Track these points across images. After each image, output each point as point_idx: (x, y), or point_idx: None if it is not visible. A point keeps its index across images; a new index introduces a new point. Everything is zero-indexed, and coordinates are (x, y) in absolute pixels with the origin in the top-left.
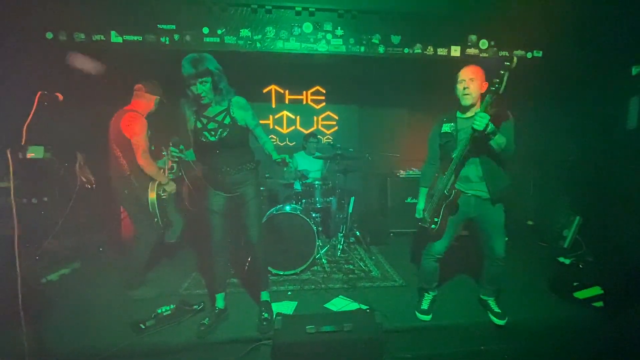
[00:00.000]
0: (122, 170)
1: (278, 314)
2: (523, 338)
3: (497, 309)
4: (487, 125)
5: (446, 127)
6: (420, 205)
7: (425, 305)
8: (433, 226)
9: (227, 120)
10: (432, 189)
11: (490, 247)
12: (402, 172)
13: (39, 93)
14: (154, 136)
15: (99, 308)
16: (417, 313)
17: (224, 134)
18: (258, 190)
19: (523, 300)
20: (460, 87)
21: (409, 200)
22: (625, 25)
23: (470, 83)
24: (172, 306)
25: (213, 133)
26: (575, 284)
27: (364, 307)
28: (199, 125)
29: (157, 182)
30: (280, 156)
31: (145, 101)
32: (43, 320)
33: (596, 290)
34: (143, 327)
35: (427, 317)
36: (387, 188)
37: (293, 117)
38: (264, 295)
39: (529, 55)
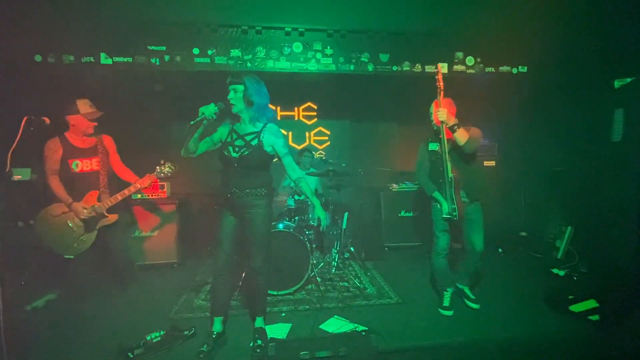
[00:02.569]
0: None
1: (271, 340)
2: (521, 354)
3: (472, 295)
4: (447, 117)
5: (432, 146)
6: (445, 206)
7: (446, 302)
8: (455, 214)
9: (255, 142)
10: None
11: (471, 242)
12: (394, 185)
13: (25, 118)
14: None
15: (85, 335)
16: (439, 310)
17: (246, 152)
18: (268, 216)
19: (520, 315)
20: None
21: (402, 213)
22: (606, 41)
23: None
24: (161, 332)
25: (237, 149)
26: (570, 297)
27: (360, 328)
28: (228, 139)
29: (49, 207)
30: (318, 215)
31: (71, 123)
32: (27, 350)
33: (591, 304)
34: (131, 355)
35: (450, 313)
36: (380, 202)
37: (285, 133)
38: (259, 322)
39: (515, 70)
